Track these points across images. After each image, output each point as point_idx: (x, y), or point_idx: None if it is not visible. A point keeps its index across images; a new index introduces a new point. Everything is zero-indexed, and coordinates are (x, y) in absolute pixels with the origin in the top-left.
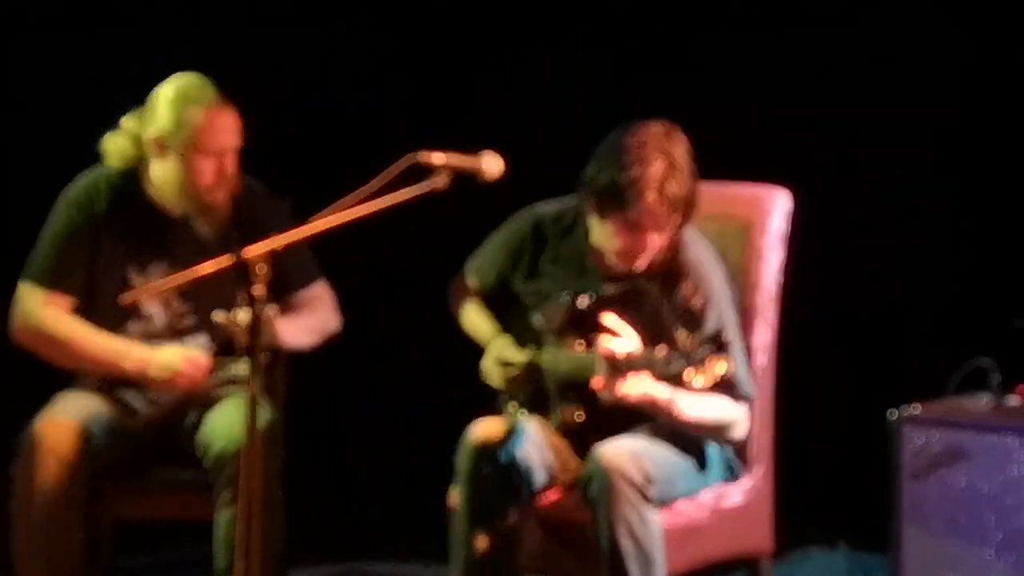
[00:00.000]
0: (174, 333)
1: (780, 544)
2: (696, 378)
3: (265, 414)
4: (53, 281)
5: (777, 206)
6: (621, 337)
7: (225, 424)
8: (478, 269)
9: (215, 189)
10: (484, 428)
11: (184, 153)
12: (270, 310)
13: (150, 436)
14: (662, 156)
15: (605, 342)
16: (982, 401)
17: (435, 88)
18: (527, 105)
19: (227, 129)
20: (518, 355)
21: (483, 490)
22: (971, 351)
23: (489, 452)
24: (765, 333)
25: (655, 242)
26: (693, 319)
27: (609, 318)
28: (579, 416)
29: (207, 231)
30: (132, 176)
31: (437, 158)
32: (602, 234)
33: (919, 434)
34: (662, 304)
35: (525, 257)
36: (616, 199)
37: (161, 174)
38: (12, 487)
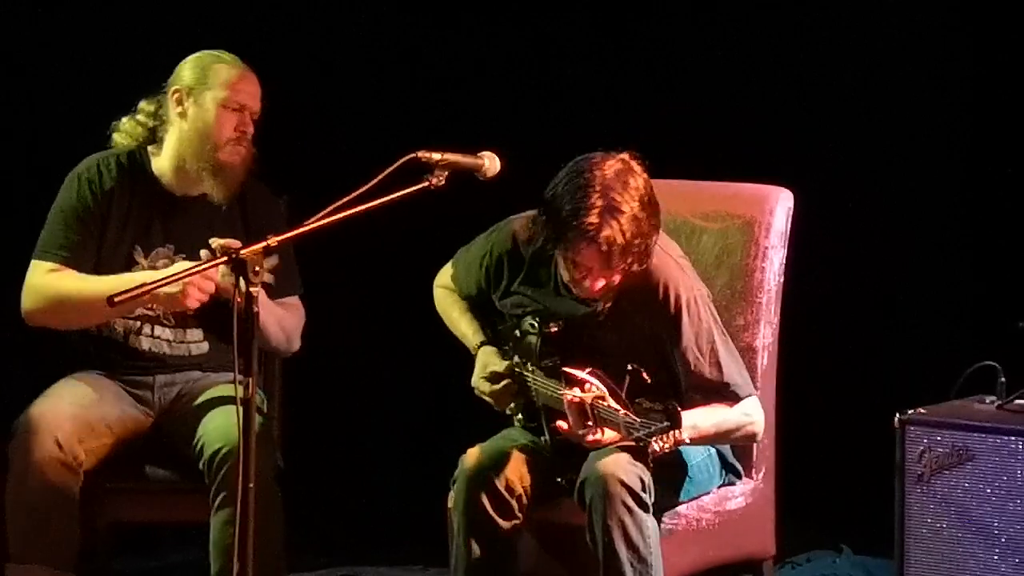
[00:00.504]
0: (176, 315)
1: (783, 547)
2: (656, 448)
3: (258, 416)
4: (60, 256)
5: (780, 205)
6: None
7: (220, 426)
8: (456, 278)
9: (233, 146)
10: (478, 457)
11: (210, 103)
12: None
13: (146, 430)
14: (603, 200)
15: (572, 390)
16: (987, 403)
17: (435, 88)
18: (527, 105)
19: (252, 90)
20: (503, 364)
21: (481, 518)
22: (976, 353)
23: (484, 479)
24: (767, 333)
25: (603, 282)
26: (668, 329)
27: (577, 372)
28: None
29: (218, 194)
30: (138, 158)
31: (436, 156)
32: (559, 261)
33: (923, 436)
34: (633, 323)
35: (503, 278)
36: (558, 237)
37: (176, 139)
38: (8, 470)
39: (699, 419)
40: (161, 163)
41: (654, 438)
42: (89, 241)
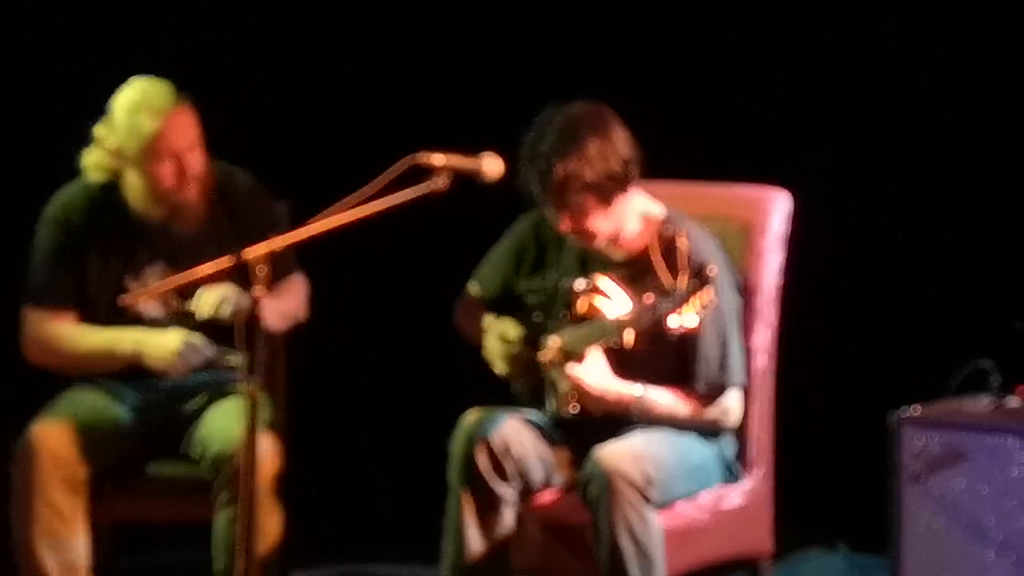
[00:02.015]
0: (176, 321)
1: (780, 546)
2: (685, 316)
3: (264, 414)
4: (49, 299)
5: (777, 207)
6: (612, 300)
7: (223, 425)
8: (481, 279)
9: (180, 190)
10: (479, 416)
11: (142, 161)
12: (259, 293)
13: (147, 433)
14: (552, 136)
15: (597, 302)
16: (982, 402)
17: (435, 89)
18: (527, 105)
19: (179, 130)
20: (517, 330)
21: (475, 476)
22: (971, 352)
23: (484, 438)
24: (765, 334)
25: (576, 224)
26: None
27: (603, 281)
28: (574, 406)
29: (186, 230)
30: (111, 187)
31: (437, 159)
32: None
33: (919, 435)
34: (659, 285)
35: (528, 257)
36: (520, 180)
37: (131, 181)
38: (11, 490)
39: (660, 399)
40: (132, 190)
41: (671, 313)
42: (70, 281)
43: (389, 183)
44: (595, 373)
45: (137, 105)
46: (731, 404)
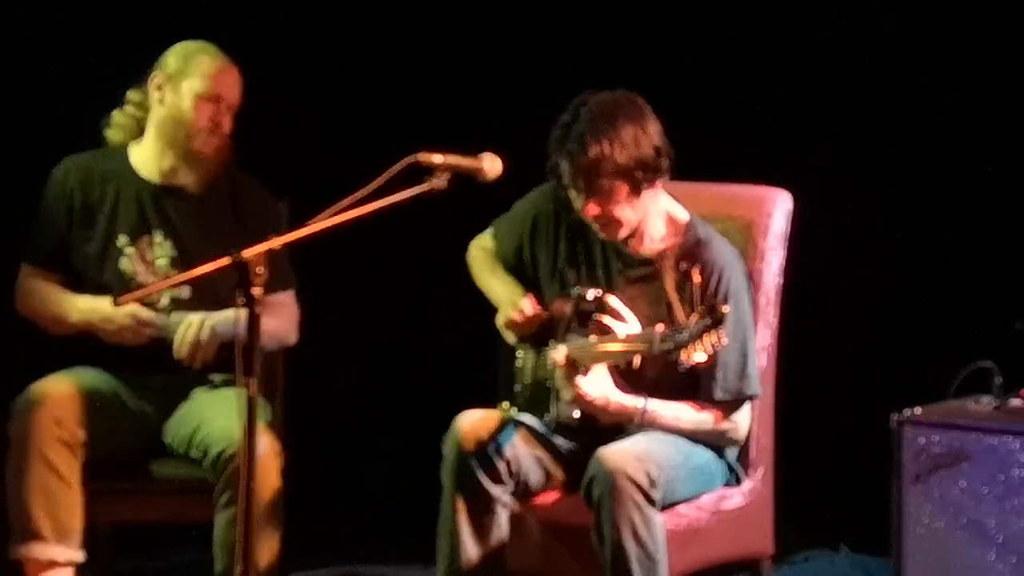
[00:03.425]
0: (175, 306)
1: (781, 547)
2: (694, 355)
3: (263, 415)
4: (38, 259)
5: (778, 207)
6: (623, 320)
7: (224, 425)
8: (498, 235)
9: (207, 136)
10: (472, 416)
11: (187, 91)
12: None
13: (147, 429)
14: (586, 120)
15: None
16: (983, 403)
17: (435, 88)
18: (527, 105)
19: (231, 82)
20: (528, 303)
21: (468, 479)
22: (972, 353)
23: (476, 439)
24: (766, 334)
25: (603, 210)
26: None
27: (613, 300)
28: (576, 413)
29: (191, 182)
30: (117, 153)
31: (437, 158)
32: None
33: (920, 436)
34: (672, 292)
35: (542, 237)
36: (549, 165)
37: (153, 125)
38: (7, 448)
39: (663, 411)
40: (141, 153)
41: (683, 349)
42: (60, 244)
43: (389, 182)
44: (598, 385)
45: (198, 47)
46: (742, 417)
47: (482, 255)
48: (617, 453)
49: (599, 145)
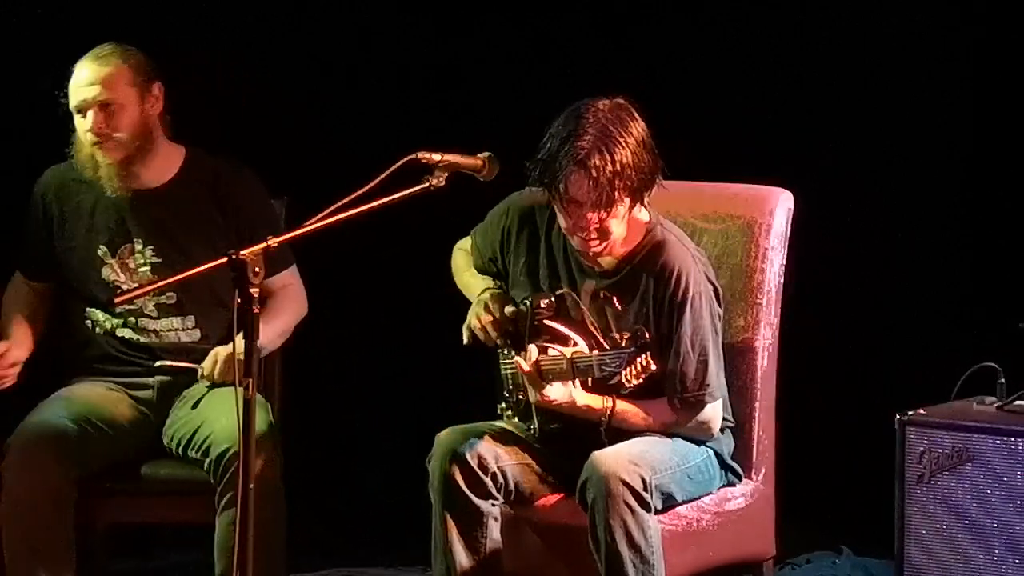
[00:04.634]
0: (160, 310)
1: (783, 548)
2: (626, 378)
3: (264, 416)
4: (24, 268)
5: (780, 206)
6: (569, 341)
7: (225, 427)
8: (474, 244)
9: (98, 147)
10: (453, 434)
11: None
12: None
13: (146, 431)
14: (596, 130)
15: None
16: (987, 404)
17: (434, 88)
18: (527, 105)
19: (82, 84)
20: (507, 309)
21: (455, 494)
22: (976, 354)
23: (458, 456)
24: (767, 334)
25: (601, 222)
26: (669, 316)
27: (556, 326)
28: (554, 425)
29: (154, 181)
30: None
31: (435, 157)
32: (557, 212)
33: (924, 437)
34: (630, 304)
35: (511, 243)
36: (550, 174)
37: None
38: (1, 489)
39: (629, 412)
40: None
41: (624, 368)
42: (42, 254)
43: (388, 181)
44: (562, 389)
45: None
46: (709, 416)
47: (462, 256)
48: (611, 456)
49: (614, 156)
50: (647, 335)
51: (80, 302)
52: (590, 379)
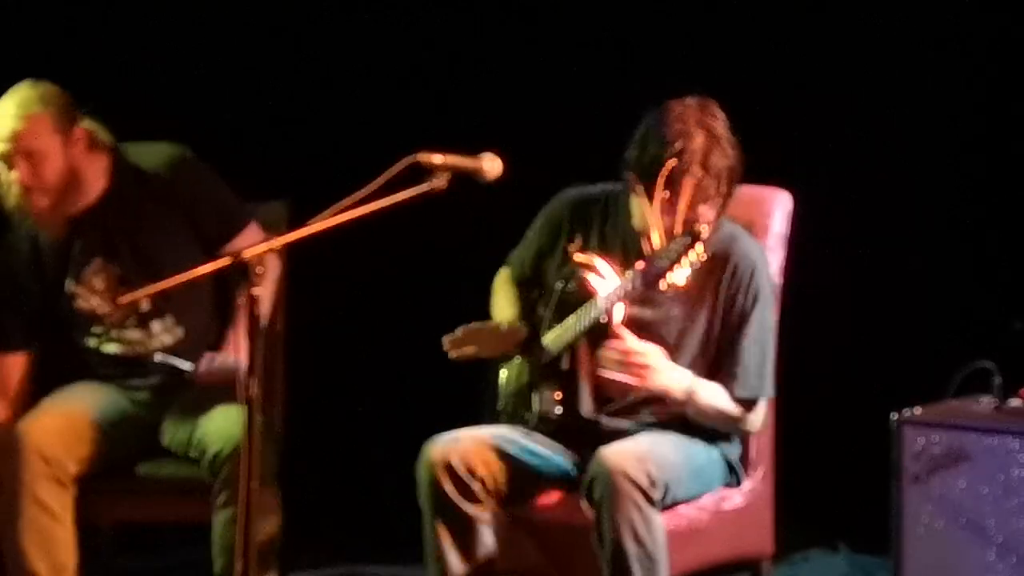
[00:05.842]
0: (139, 319)
1: (781, 546)
2: (676, 275)
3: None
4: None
5: (778, 207)
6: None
7: (222, 425)
8: (516, 258)
9: (22, 198)
10: (441, 441)
11: None
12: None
13: (143, 429)
14: (702, 129)
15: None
16: (983, 403)
17: (435, 88)
18: (527, 105)
19: (1, 137)
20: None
21: (444, 502)
22: (972, 353)
23: (447, 464)
24: None
25: (705, 216)
26: (739, 315)
27: (599, 263)
28: (558, 409)
29: (96, 194)
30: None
31: (436, 159)
32: (648, 216)
33: (920, 436)
34: (698, 297)
35: (564, 234)
36: (655, 169)
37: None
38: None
39: (708, 388)
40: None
41: (679, 260)
42: (21, 320)
43: (389, 183)
44: (656, 350)
45: None
46: (760, 415)
47: (498, 284)
48: (618, 453)
49: (727, 153)
50: (699, 228)
51: (70, 340)
52: (622, 308)
